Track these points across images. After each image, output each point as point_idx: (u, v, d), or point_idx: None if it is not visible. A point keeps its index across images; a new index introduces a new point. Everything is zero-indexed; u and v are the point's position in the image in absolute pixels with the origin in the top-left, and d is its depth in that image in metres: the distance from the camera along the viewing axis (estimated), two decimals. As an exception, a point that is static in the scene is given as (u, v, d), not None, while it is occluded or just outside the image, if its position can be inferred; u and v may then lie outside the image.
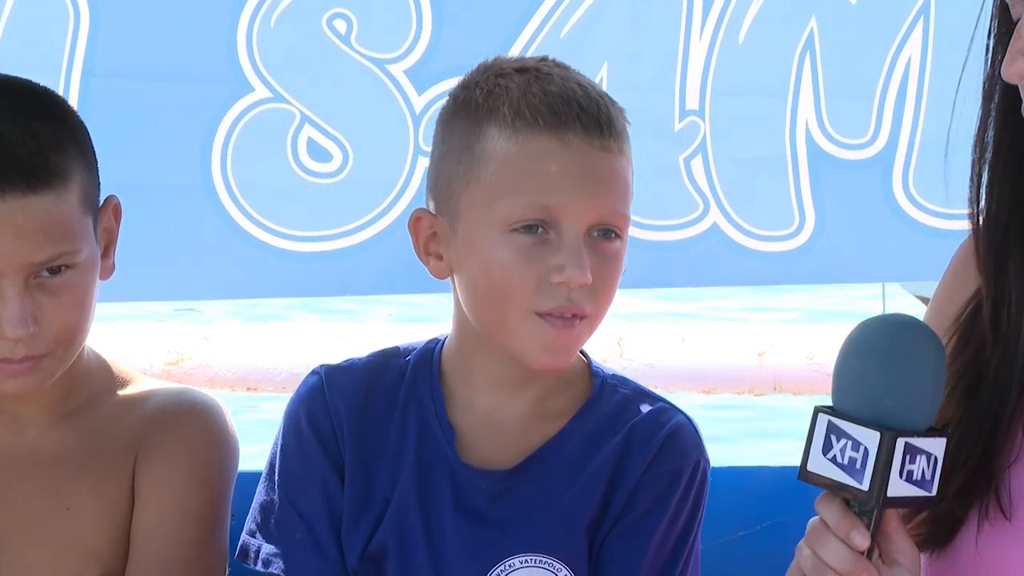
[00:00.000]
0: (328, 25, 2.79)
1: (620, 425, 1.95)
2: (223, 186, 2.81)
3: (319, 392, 2.00)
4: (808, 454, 1.63)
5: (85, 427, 2.03)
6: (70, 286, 1.94)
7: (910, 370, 1.61)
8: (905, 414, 1.60)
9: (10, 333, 1.90)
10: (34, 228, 1.90)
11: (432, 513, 1.93)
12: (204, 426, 2.05)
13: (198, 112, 2.79)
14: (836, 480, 1.61)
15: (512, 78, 1.91)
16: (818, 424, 1.62)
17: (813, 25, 2.90)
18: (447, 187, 1.93)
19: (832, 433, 1.61)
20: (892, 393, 1.60)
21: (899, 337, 1.62)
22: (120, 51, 2.75)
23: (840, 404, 1.62)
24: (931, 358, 1.62)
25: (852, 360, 1.63)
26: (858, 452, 1.59)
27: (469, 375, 1.97)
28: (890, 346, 1.62)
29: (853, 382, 1.62)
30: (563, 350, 1.90)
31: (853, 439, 1.60)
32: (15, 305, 1.90)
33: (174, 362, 3.19)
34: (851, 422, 1.60)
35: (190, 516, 2.02)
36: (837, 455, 1.61)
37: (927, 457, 1.60)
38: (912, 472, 1.60)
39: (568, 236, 1.86)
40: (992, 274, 1.75)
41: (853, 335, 1.65)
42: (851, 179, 2.95)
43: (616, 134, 1.90)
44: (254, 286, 2.89)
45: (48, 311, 1.92)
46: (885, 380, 1.60)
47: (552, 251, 1.86)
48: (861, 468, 1.59)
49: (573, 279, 1.85)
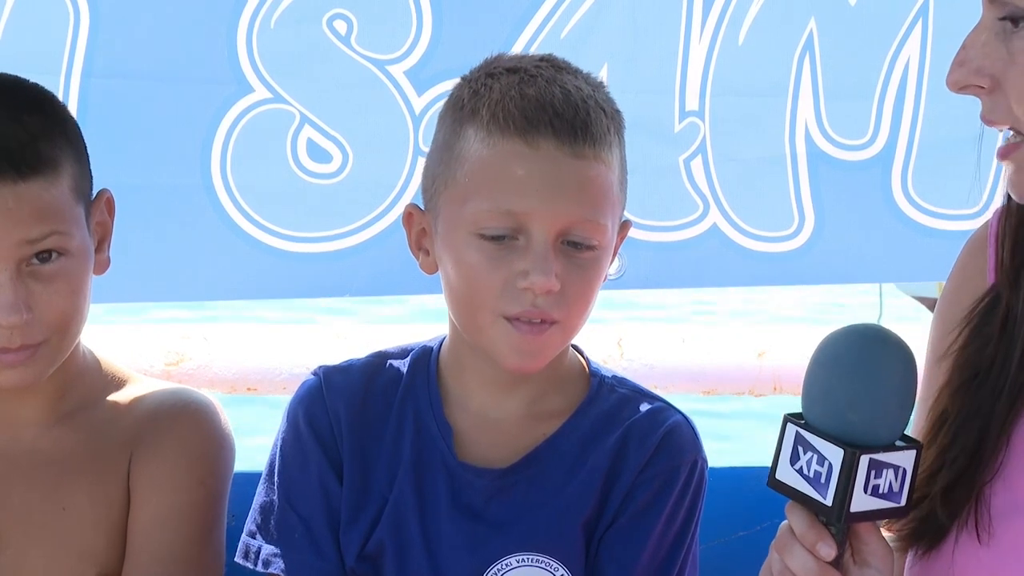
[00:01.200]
0: (328, 26, 2.79)
1: (617, 424, 1.96)
2: (223, 187, 2.81)
3: (318, 393, 2.01)
4: (777, 462, 1.62)
5: (81, 428, 2.03)
6: (64, 273, 1.95)
7: (875, 384, 1.59)
8: (869, 429, 1.59)
9: (4, 320, 1.91)
10: (25, 211, 1.91)
11: (429, 512, 1.93)
12: (199, 425, 2.05)
13: (198, 113, 2.79)
14: (802, 492, 1.60)
15: (499, 79, 1.90)
16: (787, 434, 1.62)
17: (812, 26, 2.90)
18: (431, 184, 1.94)
19: (799, 444, 1.61)
20: (856, 407, 1.59)
21: (864, 350, 1.61)
22: (120, 52, 2.75)
23: (808, 414, 1.62)
24: (897, 371, 1.60)
25: (818, 370, 1.62)
26: (823, 467, 1.59)
27: (462, 374, 1.98)
28: (855, 359, 1.60)
29: (819, 393, 1.61)
30: (532, 354, 1.89)
31: (819, 453, 1.59)
32: (7, 292, 1.91)
33: (174, 363, 3.19)
34: (817, 435, 1.59)
35: (186, 515, 2.02)
36: (804, 467, 1.60)
37: (895, 470, 1.59)
38: (878, 486, 1.59)
39: (536, 242, 1.85)
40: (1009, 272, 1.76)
41: (821, 344, 1.63)
42: (850, 180, 2.95)
43: (593, 141, 1.87)
44: (254, 287, 2.89)
45: (42, 299, 1.93)
46: (849, 394, 1.59)
47: (519, 256, 1.86)
48: (826, 483, 1.58)
49: (537, 285, 1.85)
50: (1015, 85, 1.65)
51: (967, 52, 1.67)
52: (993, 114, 1.67)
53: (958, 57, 1.68)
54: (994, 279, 1.79)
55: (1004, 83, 1.65)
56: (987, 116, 1.68)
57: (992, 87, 1.66)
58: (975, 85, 1.66)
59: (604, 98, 1.92)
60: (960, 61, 1.67)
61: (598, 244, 1.89)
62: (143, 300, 2.92)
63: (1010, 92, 1.65)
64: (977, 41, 1.66)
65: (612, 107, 1.93)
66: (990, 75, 1.66)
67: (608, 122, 1.90)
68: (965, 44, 1.67)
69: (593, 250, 1.89)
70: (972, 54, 1.66)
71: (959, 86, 1.68)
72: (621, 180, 1.93)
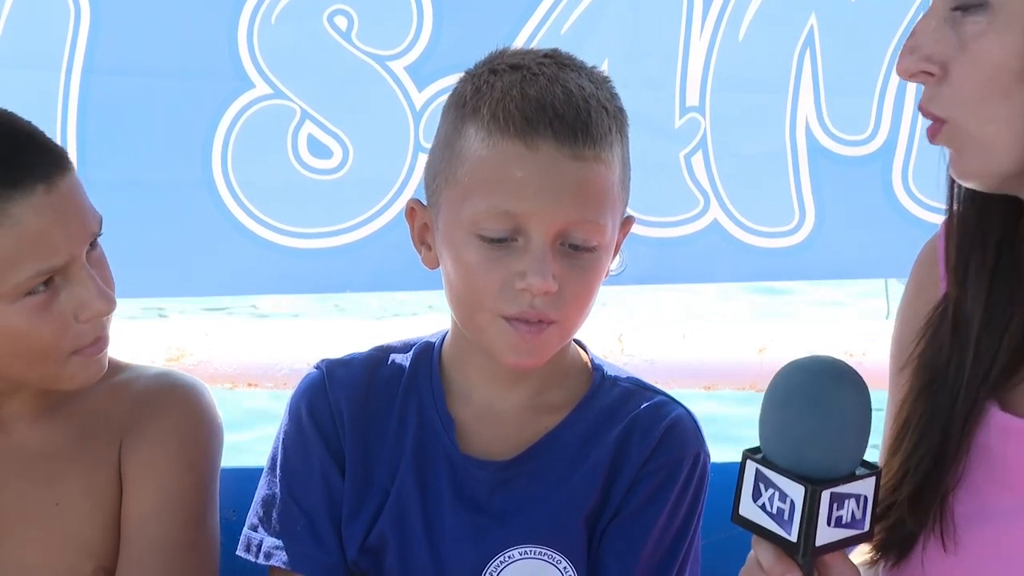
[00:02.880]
0: (329, 21, 2.80)
1: (619, 418, 1.96)
2: (224, 183, 2.81)
3: (320, 386, 2.01)
4: (739, 499, 1.61)
5: (70, 419, 2.03)
6: (103, 254, 1.97)
7: (830, 419, 1.58)
8: (829, 463, 1.57)
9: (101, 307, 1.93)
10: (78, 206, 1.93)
11: (432, 504, 1.94)
12: (187, 408, 2.05)
13: (199, 108, 2.80)
14: (766, 528, 1.59)
15: (502, 76, 1.89)
16: (747, 470, 1.61)
17: (813, 22, 2.91)
18: (432, 180, 1.94)
19: (760, 481, 1.59)
20: (814, 443, 1.57)
21: (815, 387, 1.59)
22: (121, 48, 2.75)
23: (767, 450, 1.60)
24: (852, 403, 1.59)
25: (772, 410, 1.60)
26: (785, 503, 1.57)
27: (465, 368, 1.99)
28: (807, 397, 1.58)
29: (774, 432, 1.60)
30: (531, 352, 1.89)
31: (780, 490, 1.58)
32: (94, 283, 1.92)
33: (175, 358, 3.20)
34: (776, 472, 1.58)
35: (179, 501, 2.02)
36: (766, 503, 1.59)
37: (856, 499, 1.58)
38: (841, 517, 1.58)
39: (534, 243, 1.85)
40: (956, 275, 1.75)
41: (773, 383, 1.62)
42: (851, 175, 2.96)
43: (593, 142, 1.86)
44: (254, 282, 2.90)
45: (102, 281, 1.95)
46: (805, 431, 1.57)
47: (518, 257, 1.86)
48: (789, 520, 1.57)
49: (534, 286, 1.85)
50: (962, 72, 1.62)
51: (917, 39, 1.65)
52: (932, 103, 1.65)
53: (908, 43, 1.65)
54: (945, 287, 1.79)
55: (952, 70, 1.63)
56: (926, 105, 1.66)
57: (941, 75, 1.64)
58: (924, 72, 1.65)
59: (607, 96, 1.91)
60: (911, 47, 1.65)
61: (598, 245, 1.89)
62: (144, 296, 2.92)
63: (956, 79, 1.63)
64: (928, 27, 1.64)
65: (615, 105, 1.92)
66: (940, 62, 1.64)
67: (610, 121, 1.89)
68: (915, 31, 1.65)
69: (593, 251, 1.89)
70: (922, 40, 1.64)
71: (909, 73, 1.65)
72: (622, 179, 1.92)
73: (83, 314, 1.92)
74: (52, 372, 1.95)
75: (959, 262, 1.76)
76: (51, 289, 1.91)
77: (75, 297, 1.92)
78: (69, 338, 1.93)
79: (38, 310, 1.91)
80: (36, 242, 1.88)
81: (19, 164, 1.89)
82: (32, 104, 2.68)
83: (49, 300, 1.91)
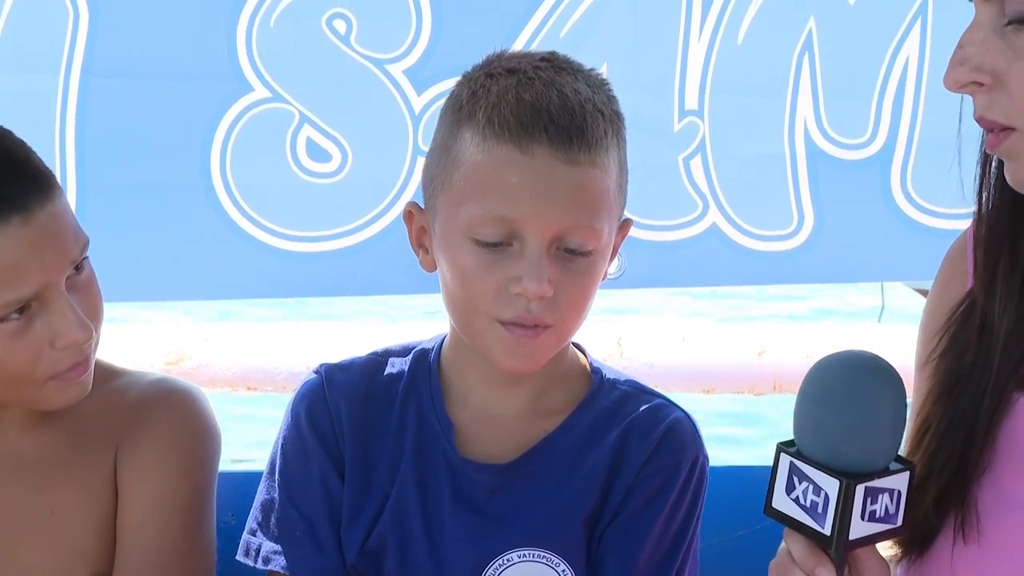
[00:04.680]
0: (328, 25, 2.80)
1: (618, 421, 1.96)
2: (222, 186, 2.81)
3: (319, 390, 2.01)
4: (772, 491, 1.63)
5: (65, 425, 2.02)
6: (91, 278, 1.96)
7: (867, 416, 1.59)
8: (864, 458, 1.59)
9: (78, 336, 1.91)
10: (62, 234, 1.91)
11: (431, 506, 1.94)
12: (184, 414, 2.04)
13: (197, 112, 2.79)
14: (800, 521, 1.61)
15: (498, 80, 1.89)
16: (780, 463, 1.62)
17: (812, 25, 2.91)
18: (429, 184, 1.94)
19: (794, 474, 1.61)
20: (850, 439, 1.59)
21: (854, 383, 1.60)
22: (119, 50, 2.75)
23: (801, 444, 1.62)
24: (889, 401, 1.60)
25: (809, 405, 1.62)
26: (819, 497, 1.59)
27: (463, 371, 1.99)
28: (845, 393, 1.60)
29: (810, 427, 1.61)
30: (527, 356, 1.90)
31: (814, 483, 1.59)
32: (72, 312, 1.91)
33: (174, 361, 3.20)
34: (811, 465, 1.60)
35: (176, 506, 2.01)
36: (800, 496, 1.61)
37: (890, 494, 1.60)
38: (875, 511, 1.60)
39: (529, 248, 1.85)
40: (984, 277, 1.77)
41: (809, 377, 1.63)
42: (849, 179, 2.96)
43: (589, 146, 1.86)
44: (253, 286, 2.90)
45: (85, 308, 1.94)
46: (842, 428, 1.59)
47: (513, 262, 1.86)
48: (823, 512, 1.59)
49: (530, 291, 1.85)
50: (1019, 80, 1.65)
51: (966, 50, 1.67)
52: (991, 111, 1.68)
53: (956, 56, 1.68)
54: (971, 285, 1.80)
55: (1007, 79, 1.65)
56: (984, 114, 1.68)
57: (993, 84, 1.66)
58: (974, 83, 1.67)
59: (604, 100, 1.91)
60: (960, 60, 1.67)
61: (593, 249, 1.89)
62: (143, 300, 2.92)
63: (1013, 87, 1.65)
64: (975, 39, 1.67)
65: (612, 108, 1.92)
66: (991, 72, 1.66)
67: (606, 125, 1.89)
68: (963, 42, 1.68)
69: (588, 255, 1.89)
70: (971, 52, 1.67)
71: (959, 84, 1.68)
72: (619, 183, 1.92)
73: (59, 343, 1.91)
74: (29, 395, 1.94)
75: (987, 265, 1.77)
76: (26, 316, 1.90)
77: (51, 325, 1.90)
78: (45, 364, 1.91)
79: (11, 337, 1.89)
80: (6, 273, 1.86)
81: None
82: (30, 107, 2.70)
83: (24, 327, 1.89)
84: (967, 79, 1.67)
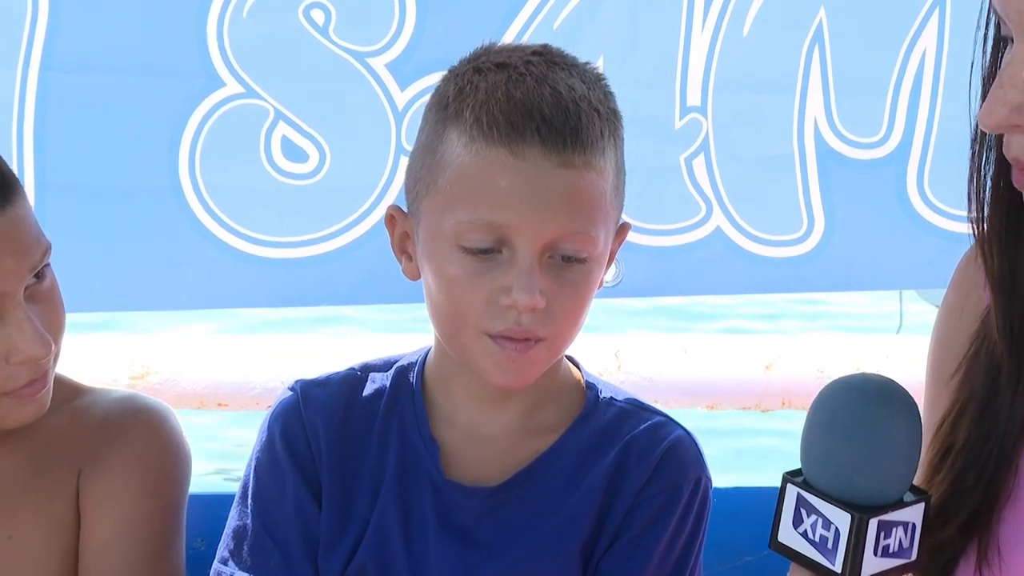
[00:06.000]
0: (305, 15, 2.81)
1: (615, 440, 1.97)
2: (191, 188, 2.82)
3: (295, 409, 2.01)
4: (778, 524, 1.61)
5: (24, 446, 2.02)
6: (53, 287, 1.96)
7: (879, 446, 1.58)
8: (877, 490, 1.58)
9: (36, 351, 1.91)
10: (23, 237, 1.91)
11: (415, 533, 1.94)
12: (151, 433, 2.04)
13: (164, 109, 2.80)
14: (808, 556, 1.60)
15: (487, 76, 1.89)
16: (787, 495, 1.61)
17: (822, 16, 2.92)
18: (413, 187, 1.95)
19: (802, 506, 1.59)
20: (861, 471, 1.57)
21: (864, 410, 1.59)
22: (81, 44, 2.75)
23: (809, 474, 1.60)
24: (902, 429, 1.59)
25: (816, 433, 1.60)
26: (829, 531, 1.57)
27: (450, 387, 1.99)
28: (855, 421, 1.58)
29: (819, 456, 1.60)
30: (518, 372, 1.90)
31: (823, 516, 1.58)
32: (29, 324, 1.91)
33: (139, 376, 3.20)
34: (820, 498, 1.58)
35: (141, 531, 2.01)
36: (808, 530, 1.59)
37: (904, 527, 1.59)
38: (888, 546, 1.58)
39: (520, 256, 1.86)
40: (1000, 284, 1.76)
41: (817, 403, 1.61)
42: (863, 180, 2.97)
43: (583, 148, 1.86)
44: (224, 295, 2.90)
45: (45, 320, 1.93)
46: (852, 458, 1.57)
47: (503, 271, 1.86)
48: (833, 548, 1.57)
49: (520, 303, 1.85)
50: None
51: (1006, 91, 1.63)
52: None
53: (995, 96, 1.64)
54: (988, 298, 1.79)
55: None
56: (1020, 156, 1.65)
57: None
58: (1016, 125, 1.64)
59: (600, 97, 1.91)
60: (1000, 100, 1.63)
61: (588, 257, 1.89)
62: (105, 309, 2.93)
63: None
64: (1017, 80, 1.63)
65: (608, 106, 1.92)
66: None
67: (602, 125, 1.89)
68: (1002, 81, 1.63)
69: (583, 263, 1.89)
70: (1013, 94, 1.63)
71: (999, 127, 1.65)
72: (616, 186, 1.93)
73: (14, 357, 1.90)
74: None
75: (1001, 271, 1.77)
76: None
77: (6, 339, 1.90)
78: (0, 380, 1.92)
79: None
80: None
81: None
82: (-15, 104, 2.71)
83: None
84: (1009, 121, 1.64)
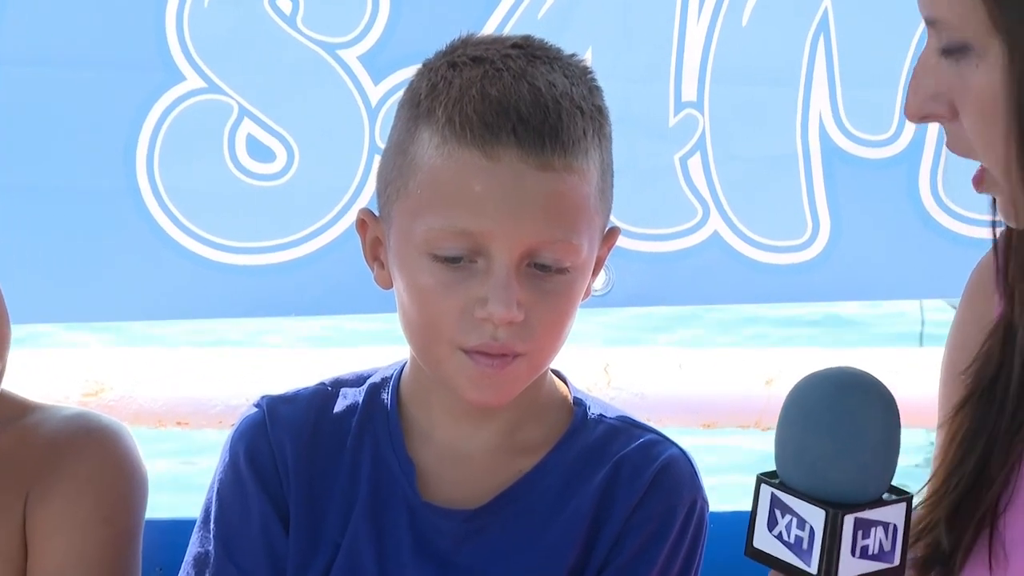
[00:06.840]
0: (271, 5, 2.81)
1: (605, 459, 1.96)
2: (149, 189, 2.82)
3: (260, 427, 2.01)
4: (753, 529, 1.63)
5: None
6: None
7: (854, 438, 1.60)
8: (853, 486, 1.60)
9: None
10: None
11: (389, 558, 1.93)
12: (104, 454, 2.04)
13: (120, 104, 2.80)
14: (783, 560, 1.61)
15: (462, 71, 1.89)
16: (761, 496, 1.63)
17: (827, 4, 2.92)
18: (384, 189, 1.95)
19: (776, 507, 1.61)
20: (837, 465, 1.60)
21: (838, 402, 1.62)
22: (30, 35, 2.76)
23: (783, 473, 1.63)
24: (878, 421, 1.61)
25: (790, 429, 1.63)
26: (803, 531, 1.60)
27: (427, 403, 1.99)
28: (829, 413, 1.61)
29: (793, 452, 1.62)
30: (495, 389, 1.90)
31: (798, 516, 1.60)
32: None
33: (93, 392, 3.19)
34: (794, 496, 1.60)
35: (94, 559, 2.01)
36: (783, 532, 1.61)
37: (884, 527, 1.61)
38: (868, 547, 1.60)
39: (496, 266, 1.85)
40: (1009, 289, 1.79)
41: (788, 399, 1.64)
42: (872, 180, 2.97)
43: (564, 149, 1.86)
44: (185, 305, 2.90)
45: None
46: (828, 452, 1.60)
47: (478, 281, 1.86)
48: (808, 548, 1.59)
49: (496, 316, 1.85)
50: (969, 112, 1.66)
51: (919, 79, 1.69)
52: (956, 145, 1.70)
53: (911, 83, 1.70)
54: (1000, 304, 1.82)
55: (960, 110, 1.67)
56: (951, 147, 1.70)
57: (952, 114, 1.68)
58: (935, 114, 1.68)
59: (583, 93, 1.90)
60: (914, 88, 1.69)
61: (571, 266, 1.89)
62: (56, 320, 2.92)
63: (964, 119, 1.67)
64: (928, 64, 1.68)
65: (592, 103, 1.91)
66: (948, 101, 1.68)
67: (585, 124, 1.89)
68: (916, 69, 1.69)
69: (565, 273, 1.89)
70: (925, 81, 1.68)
71: (919, 115, 1.70)
72: (601, 189, 1.92)
73: None
74: None
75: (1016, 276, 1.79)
76: None
77: None
78: None
79: None
80: None
81: None
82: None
83: None
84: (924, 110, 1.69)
